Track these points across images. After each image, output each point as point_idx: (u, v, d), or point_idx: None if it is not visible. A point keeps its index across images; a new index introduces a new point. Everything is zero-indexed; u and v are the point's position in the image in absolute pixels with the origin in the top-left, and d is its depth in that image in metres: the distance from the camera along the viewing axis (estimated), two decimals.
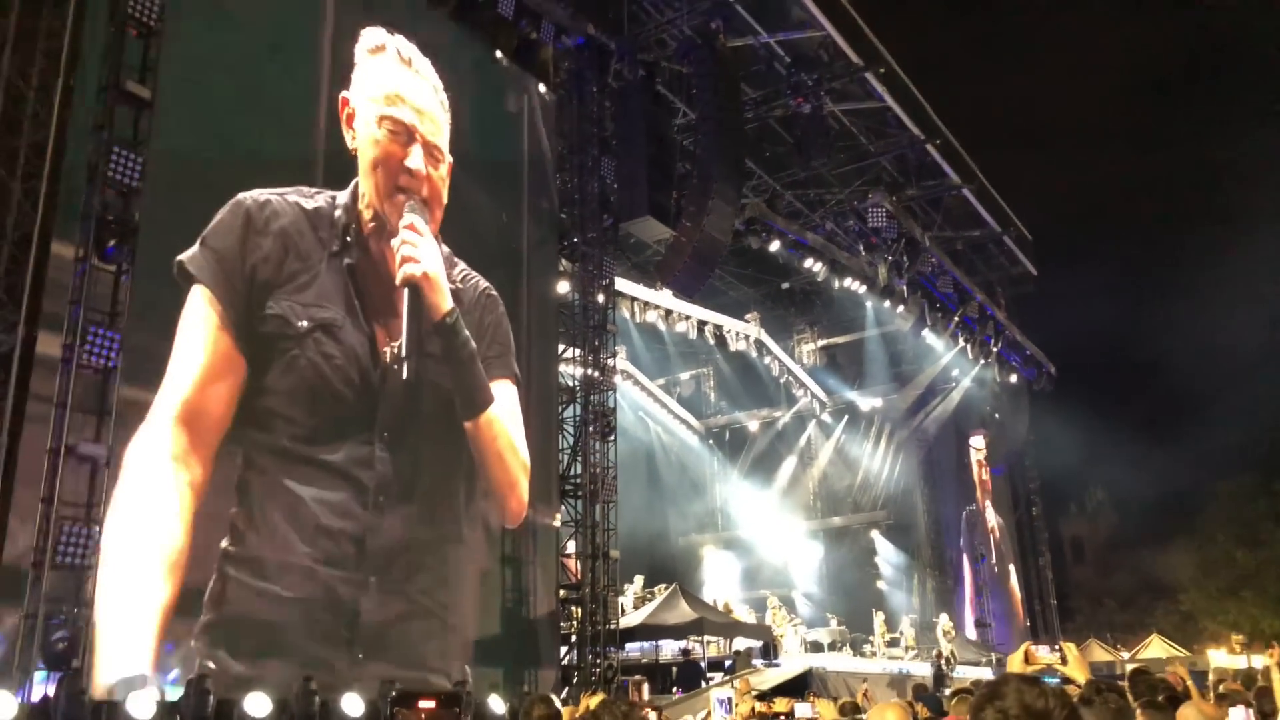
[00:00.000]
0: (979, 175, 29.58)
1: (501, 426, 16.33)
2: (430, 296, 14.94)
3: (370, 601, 13.30)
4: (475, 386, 15.85)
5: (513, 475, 16.51)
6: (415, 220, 14.66)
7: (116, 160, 10.92)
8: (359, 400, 13.83)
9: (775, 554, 34.47)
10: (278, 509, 12.49)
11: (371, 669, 12.95)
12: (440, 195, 15.67)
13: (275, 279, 13.05)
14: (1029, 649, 4.91)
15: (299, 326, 13.12)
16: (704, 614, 21.87)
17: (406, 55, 15.53)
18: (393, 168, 14.79)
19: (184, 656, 11.13)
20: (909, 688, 17.26)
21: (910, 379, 35.07)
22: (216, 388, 12.12)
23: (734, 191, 20.35)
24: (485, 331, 16.37)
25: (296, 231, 13.50)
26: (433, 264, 14.99)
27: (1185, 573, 41.05)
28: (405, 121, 15.14)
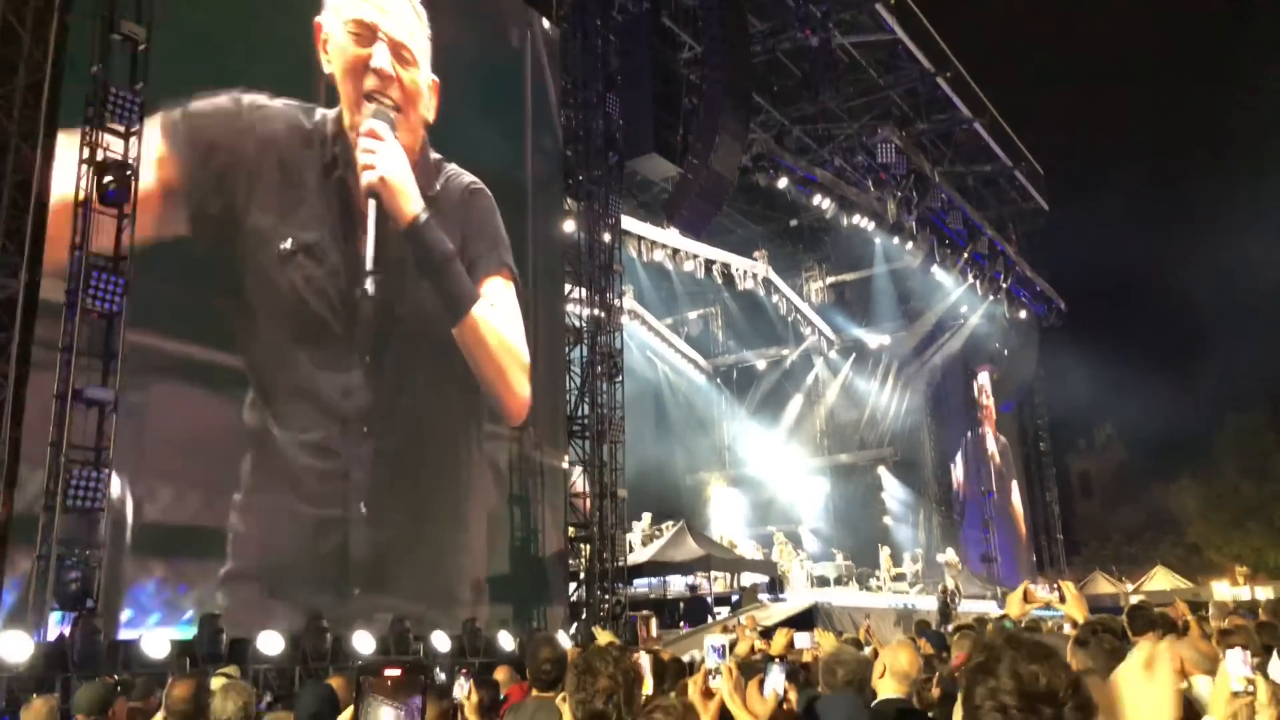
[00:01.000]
0: (990, 109, 29.15)
1: (489, 325, 15.86)
2: (391, 202, 14.42)
3: (360, 536, 13.27)
4: (454, 289, 15.36)
5: (505, 372, 16.12)
6: (375, 125, 14.23)
7: (114, 101, 10.80)
8: (339, 324, 13.55)
9: (782, 491, 34.72)
10: (265, 448, 12.46)
11: (372, 603, 13.08)
12: (416, 100, 15.16)
13: (255, 190, 12.87)
14: (1027, 587, 4.93)
15: (281, 248, 12.91)
16: (711, 550, 22.12)
17: None
18: (358, 71, 14.36)
19: (198, 598, 11.30)
20: (914, 623, 17.48)
21: (918, 316, 34.93)
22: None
23: (741, 127, 20.08)
24: (471, 227, 15.89)
25: (288, 143, 13.30)
26: (392, 168, 14.42)
27: (1192, 506, 41.28)
28: (367, 20, 14.62)
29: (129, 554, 10.88)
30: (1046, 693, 1.55)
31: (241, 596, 11.64)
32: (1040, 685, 1.56)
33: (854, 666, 3.86)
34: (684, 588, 22.04)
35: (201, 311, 12.13)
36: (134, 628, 10.66)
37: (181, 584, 11.25)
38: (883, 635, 12.62)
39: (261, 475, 12.26)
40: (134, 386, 11.01)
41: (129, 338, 10.89)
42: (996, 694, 1.54)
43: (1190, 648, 5.29)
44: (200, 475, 11.69)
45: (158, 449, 11.37)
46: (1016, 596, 4.72)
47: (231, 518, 11.87)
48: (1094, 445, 57.02)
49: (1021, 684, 1.54)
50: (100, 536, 10.12)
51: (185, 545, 11.37)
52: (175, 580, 11.23)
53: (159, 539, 11.22)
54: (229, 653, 10.78)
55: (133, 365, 10.96)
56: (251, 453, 12.27)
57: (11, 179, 10.38)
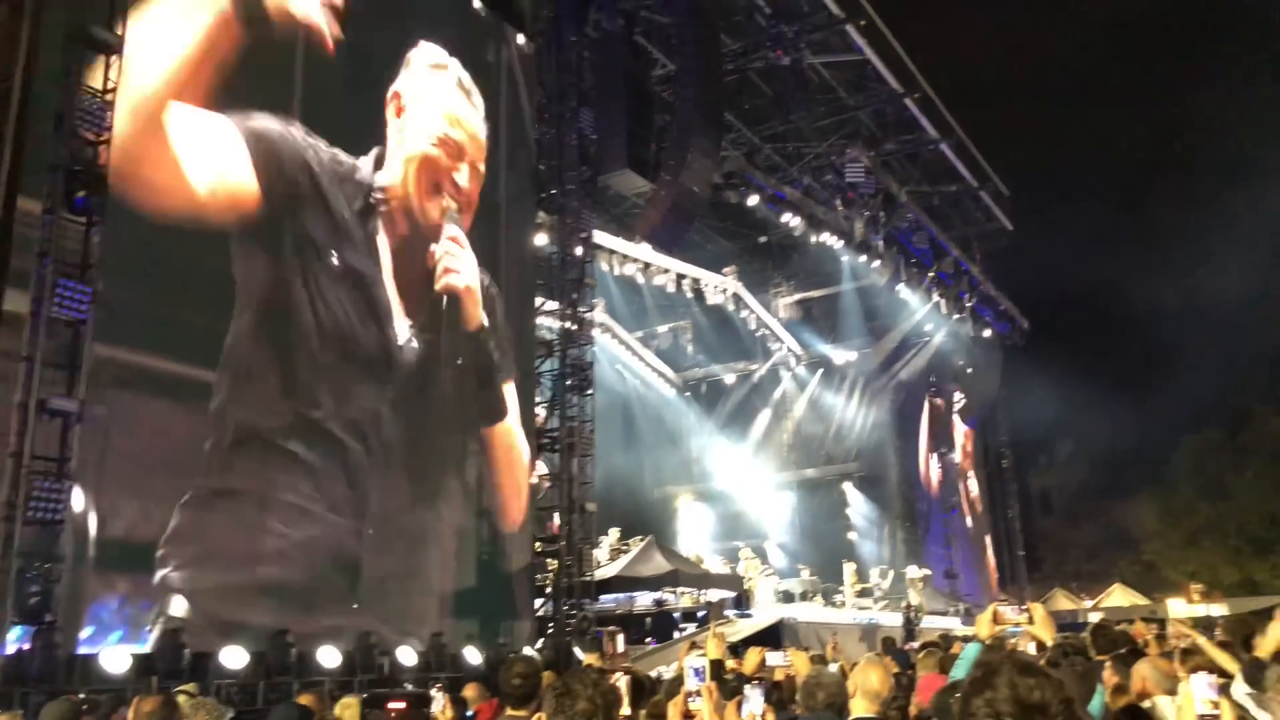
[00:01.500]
0: (956, 130, 29.53)
1: (514, 437, 17.02)
2: (468, 308, 15.83)
3: (370, 555, 13.55)
4: (496, 399, 16.67)
5: (518, 484, 17.10)
6: (458, 234, 15.61)
7: (84, 108, 10.69)
8: (377, 357, 14.21)
9: (749, 505, 34.86)
10: (272, 447, 12.57)
11: (363, 620, 13.19)
12: (472, 210, 16.45)
13: (310, 200, 13.47)
14: (997, 609, 5.02)
15: (333, 265, 13.56)
16: (678, 566, 22.14)
17: (467, 86, 16.70)
18: (440, 176, 15.68)
19: (160, 614, 11.14)
20: (878, 639, 17.59)
21: (884, 333, 35.26)
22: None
23: (713, 145, 20.22)
24: (497, 332, 16.96)
25: (329, 171, 13.95)
26: (473, 278, 15.90)
27: (1149, 523, 41.89)
28: (461, 144, 16.21)
29: (92, 569, 10.68)
30: (1040, 705, 1.66)
31: (205, 611, 11.45)
32: (1035, 698, 1.67)
33: (835, 689, 3.91)
34: (651, 603, 22.03)
35: (175, 325, 11.98)
36: (94, 644, 10.47)
37: (145, 600, 11.03)
38: (847, 651, 12.71)
39: (230, 490, 12.09)
40: (101, 399, 10.85)
41: (98, 350, 10.75)
42: (994, 704, 1.66)
43: (1151, 667, 5.41)
44: (166, 490, 11.50)
45: (123, 463, 11.18)
46: (986, 617, 4.80)
47: (196, 532, 11.67)
48: (1055, 462, 57.64)
49: (1018, 695, 1.66)
50: (61, 549, 9.97)
51: (149, 561, 11.14)
52: (139, 597, 11.02)
53: (123, 554, 11.02)
54: (191, 668, 10.64)
55: (102, 378, 10.83)
56: (220, 468, 12.08)
57: None
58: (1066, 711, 1.69)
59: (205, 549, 11.60)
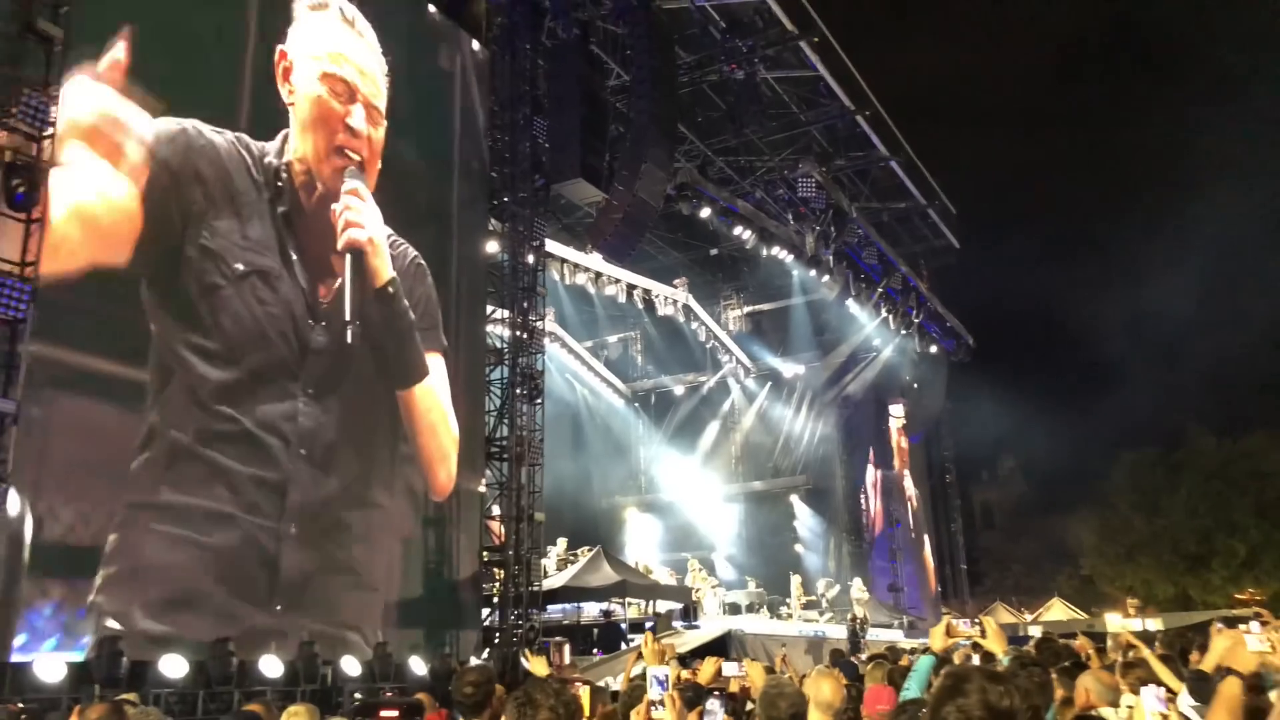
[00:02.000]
0: (906, 148, 29.96)
1: (435, 399, 16.33)
2: (372, 262, 15.00)
3: (290, 553, 13.08)
4: (412, 357, 15.89)
5: (444, 448, 16.50)
6: (358, 185, 14.70)
7: (26, 103, 10.42)
8: (287, 352, 13.65)
9: (697, 517, 34.92)
10: (193, 455, 12.13)
11: (290, 621, 12.82)
12: (377, 158, 15.58)
13: (208, 209, 12.78)
14: (950, 623, 5.07)
15: (235, 268, 12.93)
16: (626, 576, 22.09)
17: (350, 15, 15.42)
18: (333, 126, 14.74)
19: (97, 621, 10.81)
20: (825, 651, 17.70)
21: (833, 347, 35.59)
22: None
23: (666, 156, 20.28)
24: (417, 303, 16.32)
25: (235, 166, 13.27)
26: (376, 229, 15.05)
27: (1087, 539, 42.70)
28: (348, 80, 15.07)
29: (25, 575, 10.31)
30: (1009, 711, 1.74)
31: (136, 626, 11.11)
32: (1004, 704, 1.76)
33: (796, 699, 3.91)
34: (598, 613, 21.94)
35: (117, 325, 11.70)
36: (28, 652, 10.12)
37: (80, 608, 10.70)
38: (795, 664, 12.76)
39: (154, 503, 11.69)
40: (37, 400, 10.55)
41: (34, 348, 10.47)
42: (966, 710, 1.72)
43: (1094, 680, 5.50)
44: (104, 493, 11.18)
45: (61, 465, 10.84)
46: (940, 630, 4.84)
47: (135, 537, 11.36)
48: (997, 477, 58.65)
49: (988, 701, 1.73)
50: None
51: (86, 566, 10.82)
52: (75, 603, 10.67)
53: (59, 559, 10.68)
54: (129, 676, 10.38)
55: (38, 379, 10.55)
56: (148, 479, 11.71)
57: None
58: (1033, 717, 1.78)
59: (132, 563, 11.22)
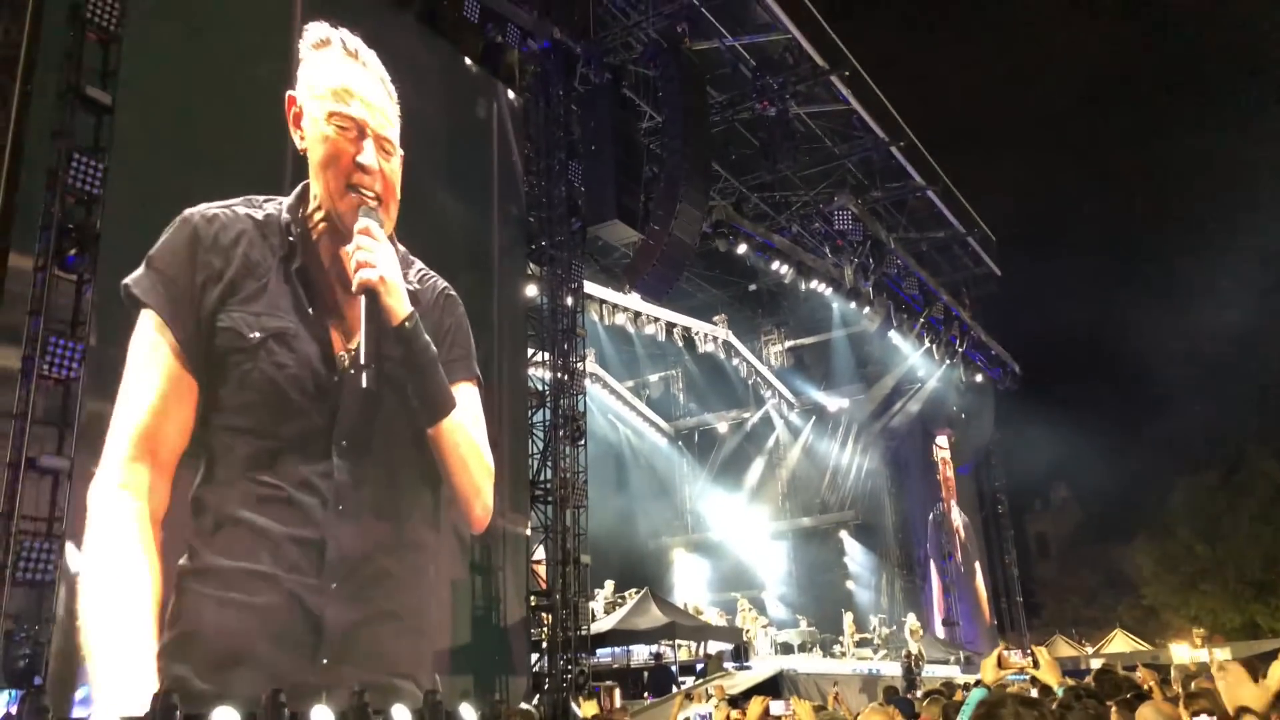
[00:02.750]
0: (943, 177, 29.87)
1: (464, 432, 16.12)
2: (387, 301, 14.68)
3: (334, 608, 13.08)
4: (436, 393, 15.63)
5: (476, 481, 16.30)
6: (370, 224, 14.41)
7: (77, 167, 10.72)
8: (315, 408, 13.53)
9: (745, 555, 34.60)
10: (236, 521, 12.25)
11: (338, 674, 12.81)
12: (394, 190, 15.34)
13: (226, 294, 12.69)
14: (1002, 654, 4.95)
15: (251, 338, 12.77)
16: (675, 618, 21.89)
17: (352, 48, 15.20)
18: (344, 165, 14.53)
19: (156, 674, 10.95)
20: (879, 689, 17.37)
21: (876, 379, 35.33)
22: (171, 414, 11.82)
23: (701, 195, 20.38)
24: (445, 334, 16.14)
25: (247, 243, 13.11)
26: (389, 268, 14.73)
27: (1147, 568, 41.65)
28: (354, 117, 14.83)
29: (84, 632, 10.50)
30: None
31: (195, 673, 11.28)
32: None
33: None
34: (648, 656, 21.75)
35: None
36: (87, 707, 10.28)
37: (137, 665, 10.89)
38: (849, 702, 12.52)
39: (217, 560, 11.91)
40: (95, 458, 10.83)
41: (91, 406, 10.75)
42: None
43: (1155, 711, 5.33)
44: (160, 549, 11.38)
45: None
46: (991, 662, 4.75)
47: (186, 587, 11.55)
48: (1050, 507, 57.57)
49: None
50: (51, 610, 9.81)
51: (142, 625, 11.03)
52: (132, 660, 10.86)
53: (116, 617, 10.85)
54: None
55: (94, 436, 10.81)
56: (203, 524, 11.94)
57: None
58: None
59: (183, 626, 11.37)
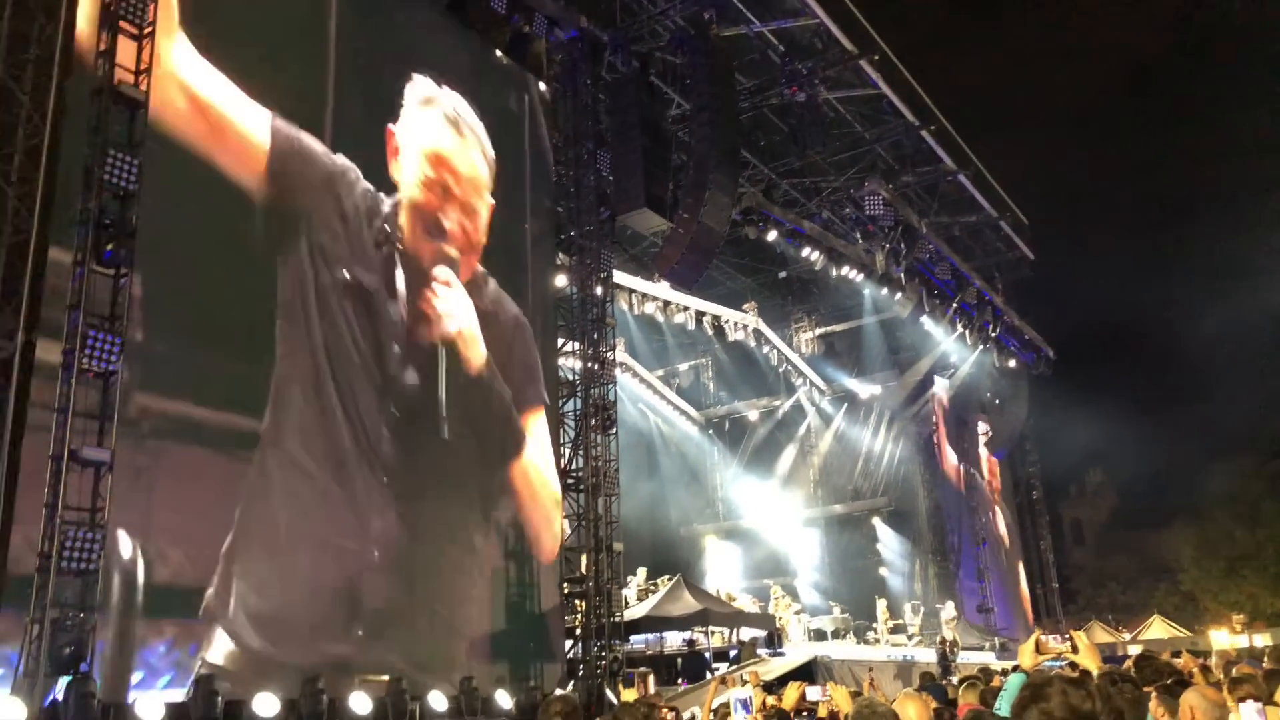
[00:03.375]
0: (974, 160, 29.60)
1: (536, 470, 16.88)
2: (464, 352, 15.53)
3: (374, 586, 13.44)
4: (509, 436, 16.45)
5: (547, 512, 17.02)
6: (449, 276, 15.39)
7: (112, 163, 10.85)
8: (378, 376, 14.12)
9: (777, 543, 34.59)
10: (287, 481, 12.70)
11: (375, 654, 13.12)
12: (477, 243, 16.28)
13: (327, 220, 13.69)
14: (1039, 638, 4.92)
15: (340, 276, 13.65)
16: (708, 605, 21.93)
17: (453, 115, 16.29)
18: (429, 220, 15.48)
19: (206, 658, 11.34)
20: (914, 675, 17.33)
21: (909, 365, 35.13)
22: None
23: (730, 182, 20.32)
24: (517, 364, 16.90)
25: (355, 197, 14.22)
26: (466, 319, 15.60)
27: (1185, 553, 41.18)
28: (446, 184, 15.90)
29: (140, 616, 10.91)
30: (1090, 713, 1.75)
31: (243, 657, 11.62)
32: (1086, 707, 1.76)
33: (888, 717, 3.84)
34: (681, 643, 21.81)
35: (214, 373, 12.27)
36: (144, 689, 10.64)
37: (193, 644, 11.27)
38: (884, 689, 12.50)
39: (267, 525, 12.31)
40: (143, 449, 11.14)
41: (138, 399, 11.07)
42: (1047, 712, 1.74)
43: (1200, 696, 5.29)
44: (207, 536, 11.74)
45: (166, 511, 11.42)
46: (1029, 647, 4.71)
47: (237, 574, 11.87)
48: (1085, 492, 57.04)
49: (1070, 703, 1.75)
50: (96, 599, 9.99)
51: (195, 606, 11.40)
52: (186, 640, 11.25)
53: (169, 600, 11.28)
54: (224, 715, 10.62)
55: (144, 429, 11.17)
56: (260, 508, 12.31)
57: (9, 240, 10.41)
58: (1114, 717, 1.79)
59: (230, 597, 11.73)
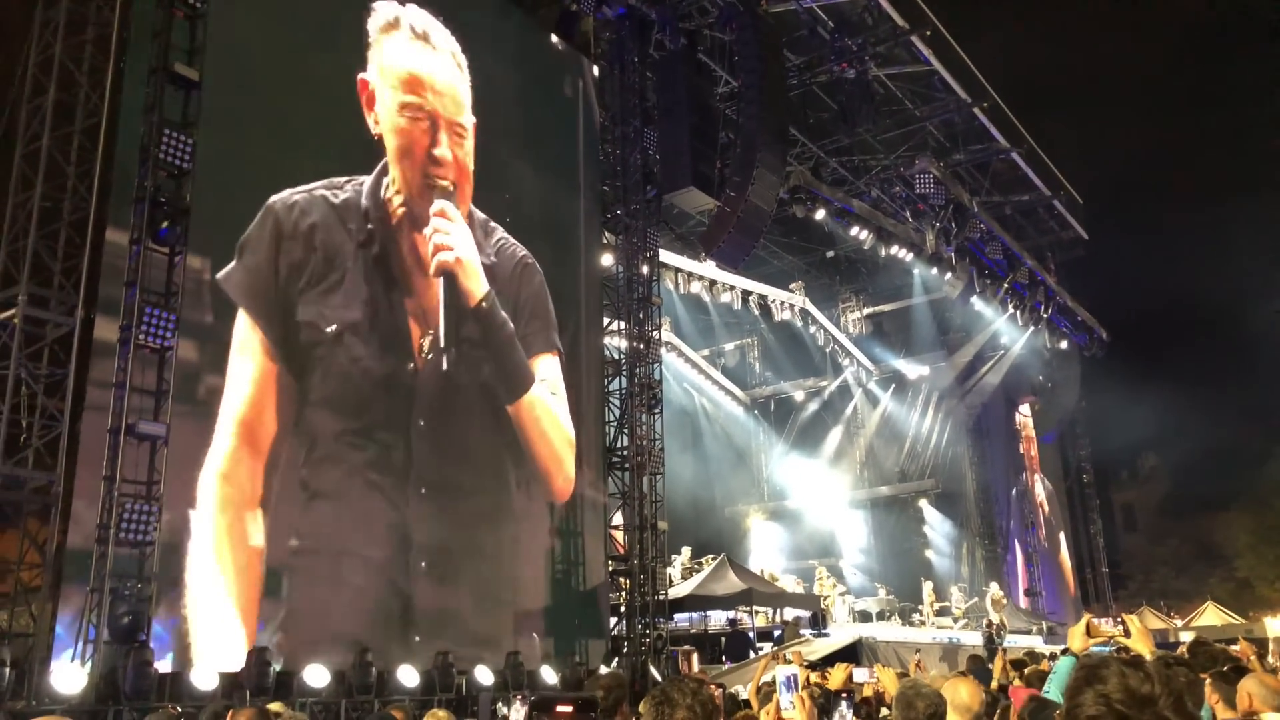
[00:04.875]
0: (1028, 138, 29.04)
1: (544, 406, 16.36)
2: (464, 283, 14.96)
3: (423, 587, 13.59)
4: (515, 370, 15.87)
5: (557, 453, 16.57)
6: (446, 206, 14.67)
7: (167, 142, 11.03)
8: (393, 395, 13.87)
9: (822, 524, 34.45)
10: (333, 504, 12.79)
11: (418, 634, 13.34)
12: (467, 169, 15.46)
13: (308, 284, 12.99)
14: (1090, 621, 4.84)
15: (327, 332, 13.04)
16: (752, 584, 21.93)
17: (420, 29, 15.13)
18: (419, 158, 14.69)
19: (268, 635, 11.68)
20: (960, 657, 17.20)
21: (958, 346, 34.71)
22: (266, 405, 12.32)
23: (778, 160, 20.15)
24: (524, 306, 16.31)
25: (325, 229, 13.31)
26: (465, 249, 15.00)
27: (1241, 539, 40.38)
28: (426, 108, 14.93)
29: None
30: (1150, 696, 1.73)
31: (296, 633, 11.91)
32: (1145, 689, 1.77)
33: (934, 699, 3.80)
34: (725, 622, 21.84)
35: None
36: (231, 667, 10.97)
37: (260, 621, 11.58)
38: (930, 671, 12.42)
39: (312, 539, 12.49)
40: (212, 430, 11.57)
41: (210, 382, 11.46)
42: (1106, 696, 1.72)
43: (1258, 683, 5.18)
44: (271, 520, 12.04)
45: None
46: (1079, 630, 4.64)
47: (293, 560, 12.19)
48: (1138, 476, 56.02)
49: (1128, 686, 1.73)
50: (153, 569, 10.24)
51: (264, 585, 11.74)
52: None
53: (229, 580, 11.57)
54: (276, 685, 10.85)
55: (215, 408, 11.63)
56: (314, 511, 12.57)
57: (69, 219, 10.64)
58: (1176, 704, 1.74)
59: (285, 600, 12.05)
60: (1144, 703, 1.76)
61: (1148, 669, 1.80)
